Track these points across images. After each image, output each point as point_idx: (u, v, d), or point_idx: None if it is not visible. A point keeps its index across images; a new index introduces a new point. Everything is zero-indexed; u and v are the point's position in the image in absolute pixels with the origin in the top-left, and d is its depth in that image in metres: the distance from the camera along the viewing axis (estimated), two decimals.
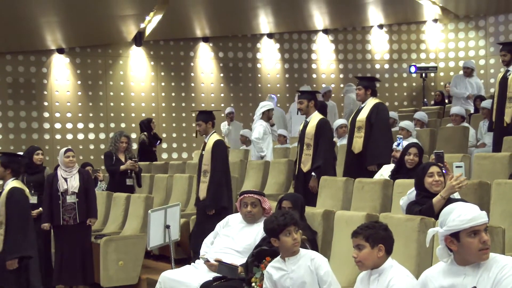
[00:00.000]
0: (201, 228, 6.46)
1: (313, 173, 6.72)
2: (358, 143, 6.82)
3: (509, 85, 7.03)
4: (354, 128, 6.90)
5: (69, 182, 6.91)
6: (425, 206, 4.26)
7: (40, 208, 7.41)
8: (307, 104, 6.97)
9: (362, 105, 6.96)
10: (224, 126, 11.44)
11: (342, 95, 14.63)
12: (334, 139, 8.89)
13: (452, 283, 2.84)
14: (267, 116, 9.33)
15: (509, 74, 7.11)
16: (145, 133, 10.89)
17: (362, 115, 6.84)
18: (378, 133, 6.72)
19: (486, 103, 8.64)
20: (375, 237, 3.28)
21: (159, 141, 11.19)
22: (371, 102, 6.92)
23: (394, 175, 5.83)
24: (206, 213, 6.52)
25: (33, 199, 7.44)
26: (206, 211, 6.53)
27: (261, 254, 4.22)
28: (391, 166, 6.84)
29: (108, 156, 8.13)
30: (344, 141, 9.33)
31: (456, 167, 4.54)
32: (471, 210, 2.85)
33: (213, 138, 6.66)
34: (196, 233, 6.68)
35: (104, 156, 8.28)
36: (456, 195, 4.34)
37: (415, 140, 8.25)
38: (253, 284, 4.14)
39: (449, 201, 4.21)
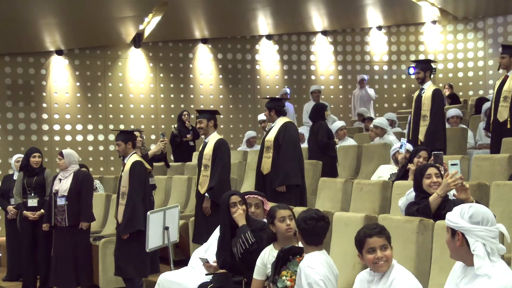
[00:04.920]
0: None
1: (206, 194, 6.63)
2: (266, 164, 6.81)
3: (422, 103, 7.13)
4: (263, 148, 6.87)
5: (61, 184, 6.90)
6: (422, 205, 4.28)
7: (42, 210, 7.41)
8: (207, 123, 6.87)
9: (272, 125, 6.93)
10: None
11: (340, 96, 14.68)
12: (335, 140, 8.87)
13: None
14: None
15: (423, 93, 7.18)
16: (175, 125, 11.09)
17: (271, 136, 6.82)
18: (286, 154, 6.68)
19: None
20: (389, 238, 3.32)
21: (191, 132, 11.15)
22: (280, 121, 6.87)
23: (402, 177, 5.81)
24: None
25: (33, 202, 7.44)
26: (120, 235, 6.39)
27: (292, 252, 4.04)
28: (388, 166, 6.85)
29: None
30: (344, 143, 9.35)
31: (452, 164, 4.55)
32: None
33: (132, 159, 6.47)
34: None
35: None
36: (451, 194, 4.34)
37: (391, 137, 8.31)
38: (283, 277, 3.92)
39: (447, 200, 4.23)
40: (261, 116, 10.73)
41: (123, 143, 6.52)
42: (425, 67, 7.31)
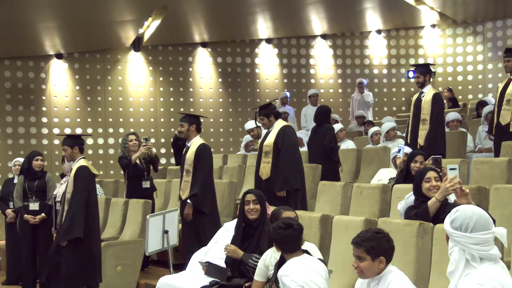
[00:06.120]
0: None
1: (188, 201, 6.54)
2: (265, 169, 6.71)
3: (422, 107, 7.10)
4: (262, 153, 6.78)
5: (59, 188, 6.91)
6: (420, 209, 4.28)
7: (43, 214, 7.41)
8: (188, 128, 6.81)
9: (269, 130, 6.82)
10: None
11: (340, 100, 14.68)
12: (338, 144, 8.86)
13: None
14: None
15: (423, 96, 7.15)
16: (178, 129, 10.96)
17: (269, 140, 6.72)
18: (286, 158, 6.59)
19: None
20: (377, 250, 3.20)
21: None
22: (278, 125, 6.77)
23: (402, 181, 5.80)
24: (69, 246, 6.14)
25: (35, 206, 7.44)
26: (60, 242, 6.16)
27: None
28: (388, 170, 6.85)
29: (121, 157, 7.77)
30: (343, 145, 9.36)
31: (450, 169, 4.55)
32: None
33: (78, 164, 6.26)
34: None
35: (118, 160, 7.93)
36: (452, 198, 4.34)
37: (401, 139, 8.30)
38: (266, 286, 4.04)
39: (447, 204, 4.23)
40: (249, 125, 10.13)
41: (69, 148, 6.35)
42: (425, 70, 7.30)
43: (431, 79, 7.36)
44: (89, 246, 6.16)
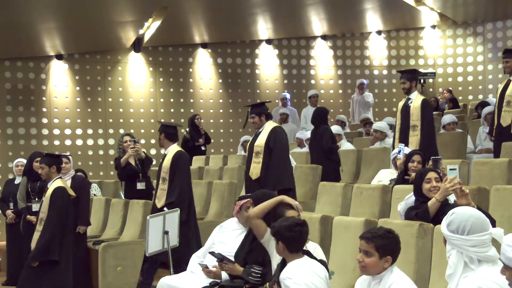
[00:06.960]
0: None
1: (165, 209, 6.44)
2: (256, 169, 6.63)
3: (411, 113, 7.04)
4: (252, 153, 6.73)
5: None
6: (420, 210, 4.28)
7: None
8: (159, 137, 6.89)
9: (260, 130, 6.75)
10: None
11: (340, 100, 14.69)
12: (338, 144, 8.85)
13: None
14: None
15: (411, 102, 7.10)
16: (187, 129, 10.86)
17: (260, 140, 6.64)
18: (278, 158, 6.53)
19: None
20: (386, 248, 3.23)
21: (203, 137, 10.97)
22: (268, 126, 6.69)
23: (401, 182, 5.80)
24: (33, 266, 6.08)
25: (37, 207, 7.43)
26: (30, 262, 6.09)
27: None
28: (388, 170, 6.84)
29: (116, 159, 7.86)
30: (342, 147, 9.35)
31: (450, 169, 4.55)
32: None
33: (54, 185, 6.22)
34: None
35: (114, 162, 8.03)
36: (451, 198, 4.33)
37: (390, 141, 8.29)
38: (266, 285, 3.99)
39: (447, 205, 4.22)
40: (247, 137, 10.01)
41: (46, 167, 6.30)
42: (411, 77, 7.22)
43: (424, 85, 7.31)
44: (59, 265, 6.18)
